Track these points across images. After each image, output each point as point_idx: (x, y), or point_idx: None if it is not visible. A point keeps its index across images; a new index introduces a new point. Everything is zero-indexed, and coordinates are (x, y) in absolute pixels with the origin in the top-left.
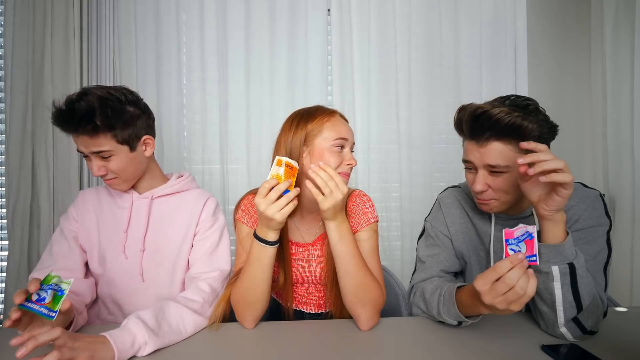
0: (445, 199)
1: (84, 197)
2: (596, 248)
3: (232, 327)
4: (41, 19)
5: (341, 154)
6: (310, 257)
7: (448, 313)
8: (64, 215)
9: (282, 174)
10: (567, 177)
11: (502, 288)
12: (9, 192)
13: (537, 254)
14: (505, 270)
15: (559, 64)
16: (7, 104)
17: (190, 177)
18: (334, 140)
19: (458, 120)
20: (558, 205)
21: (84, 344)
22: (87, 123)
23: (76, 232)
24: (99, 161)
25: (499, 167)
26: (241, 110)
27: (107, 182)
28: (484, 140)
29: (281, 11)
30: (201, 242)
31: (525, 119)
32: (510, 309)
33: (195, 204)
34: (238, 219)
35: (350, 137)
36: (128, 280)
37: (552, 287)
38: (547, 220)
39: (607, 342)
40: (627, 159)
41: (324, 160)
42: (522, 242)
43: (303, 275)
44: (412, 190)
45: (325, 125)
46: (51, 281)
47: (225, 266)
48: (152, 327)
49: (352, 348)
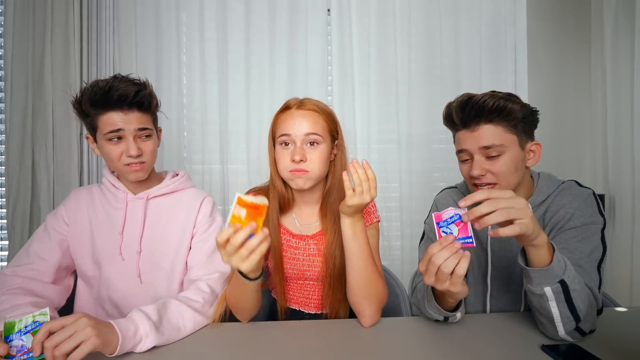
0: (441, 199)
1: (77, 197)
2: (590, 245)
3: (232, 327)
4: (41, 19)
5: (287, 152)
6: (310, 250)
7: (430, 307)
8: (52, 213)
9: (244, 216)
10: (501, 216)
11: (432, 268)
12: (9, 192)
13: (472, 235)
14: (435, 252)
15: (559, 64)
16: (7, 104)
17: (186, 175)
18: (279, 137)
19: (447, 114)
20: (525, 233)
21: (94, 323)
22: (147, 100)
23: (63, 235)
24: (137, 141)
25: (494, 147)
26: (241, 110)
27: (135, 168)
28: (475, 124)
29: (281, 11)
30: (200, 244)
31: (509, 100)
32: (448, 288)
33: (191, 204)
34: None
35: (297, 132)
36: (126, 282)
37: (548, 307)
38: (529, 246)
39: (607, 342)
40: (627, 159)
41: (277, 159)
42: (453, 224)
43: (303, 270)
44: (412, 190)
45: (276, 122)
46: (22, 326)
47: (225, 267)
48: (155, 321)
49: (351, 348)
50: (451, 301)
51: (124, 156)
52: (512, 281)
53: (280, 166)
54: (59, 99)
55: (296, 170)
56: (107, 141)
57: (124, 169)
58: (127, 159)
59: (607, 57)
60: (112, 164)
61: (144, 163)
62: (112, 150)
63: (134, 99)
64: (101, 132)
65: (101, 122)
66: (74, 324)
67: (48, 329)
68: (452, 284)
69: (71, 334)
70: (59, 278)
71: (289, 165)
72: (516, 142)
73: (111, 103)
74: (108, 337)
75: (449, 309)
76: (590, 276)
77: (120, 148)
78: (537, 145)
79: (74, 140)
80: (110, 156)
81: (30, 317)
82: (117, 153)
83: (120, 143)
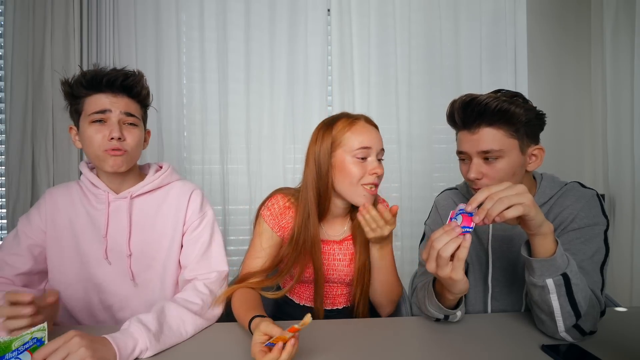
0: (441, 201)
1: (52, 198)
2: (593, 247)
3: (232, 327)
4: (41, 19)
5: (364, 164)
6: (336, 255)
7: (431, 305)
8: (24, 218)
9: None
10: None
11: (433, 253)
12: (9, 192)
13: (473, 227)
14: (437, 237)
15: (559, 64)
16: (7, 104)
17: (170, 168)
18: (355, 150)
19: (450, 112)
20: (528, 214)
21: (88, 342)
22: (137, 86)
23: (34, 240)
24: (121, 126)
25: (493, 152)
26: (241, 110)
27: (114, 153)
28: (475, 127)
29: (281, 11)
30: (192, 241)
31: (512, 103)
32: (450, 275)
33: (179, 199)
34: (262, 215)
35: (375, 145)
36: (118, 285)
37: (549, 300)
38: (535, 236)
39: (607, 342)
40: (627, 159)
41: (346, 172)
42: (459, 216)
43: (327, 274)
44: (412, 190)
45: (346, 134)
46: (20, 344)
47: (222, 266)
48: (155, 332)
49: (351, 348)
50: (451, 298)
51: (105, 140)
52: (513, 282)
53: (355, 179)
54: (59, 99)
55: (373, 183)
56: (90, 124)
57: (102, 154)
58: (108, 143)
59: (607, 56)
60: (91, 149)
61: (125, 152)
62: (93, 134)
63: (123, 81)
64: (85, 114)
65: (87, 104)
66: (66, 345)
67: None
68: (454, 269)
69: (64, 356)
70: (32, 283)
71: (367, 178)
72: (516, 146)
73: (100, 85)
74: (104, 356)
75: (449, 307)
76: (593, 278)
77: (103, 132)
78: (540, 149)
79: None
80: (91, 140)
81: (27, 335)
82: (99, 137)
83: (103, 127)
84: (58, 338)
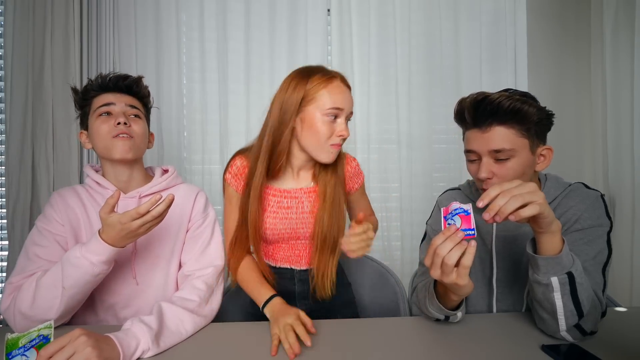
0: (444, 201)
1: (63, 198)
2: (596, 248)
3: (232, 327)
4: (41, 19)
5: (333, 125)
6: (304, 207)
7: (432, 306)
8: (42, 217)
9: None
10: (516, 202)
11: (437, 260)
12: (9, 192)
13: (474, 227)
14: (439, 243)
15: (559, 64)
16: (7, 104)
17: (176, 171)
18: (327, 109)
19: (459, 110)
20: (542, 213)
21: (94, 342)
22: (137, 85)
23: (59, 234)
24: (127, 116)
25: (504, 151)
26: (241, 110)
27: (123, 138)
28: (487, 125)
29: (281, 11)
30: (193, 239)
31: (525, 102)
32: (456, 281)
33: (185, 200)
34: (225, 180)
35: (346, 107)
36: (121, 284)
37: (552, 298)
38: (544, 233)
39: (607, 342)
40: (627, 159)
41: (314, 129)
42: (457, 216)
43: (296, 228)
44: (412, 190)
45: (320, 91)
46: (27, 341)
47: (219, 261)
48: (156, 333)
49: (351, 347)
50: (455, 299)
51: (112, 127)
52: (515, 282)
53: (323, 138)
54: (59, 98)
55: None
56: (97, 118)
57: (110, 142)
58: (115, 129)
59: (607, 56)
60: (99, 140)
61: (132, 137)
62: (100, 125)
63: (125, 81)
64: (93, 111)
65: (94, 103)
66: (72, 343)
67: (46, 357)
68: (459, 275)
69: (70, 354)
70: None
71: (333, 139)
72: (527, 146)
73: (107, 86)
74: (109, 355)
75: (451, 308)
76: (595, 279)
77: (109, 122)
78: (549, 150)
79: (74, 140)
80: (99, 131)
81: (34, 332)
82: (106, 126)
83: (110, 117)
84: (64, 336)
